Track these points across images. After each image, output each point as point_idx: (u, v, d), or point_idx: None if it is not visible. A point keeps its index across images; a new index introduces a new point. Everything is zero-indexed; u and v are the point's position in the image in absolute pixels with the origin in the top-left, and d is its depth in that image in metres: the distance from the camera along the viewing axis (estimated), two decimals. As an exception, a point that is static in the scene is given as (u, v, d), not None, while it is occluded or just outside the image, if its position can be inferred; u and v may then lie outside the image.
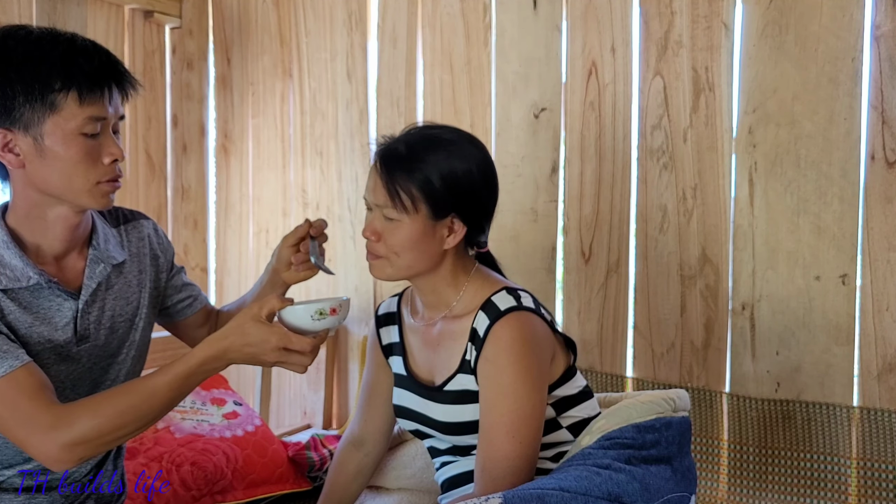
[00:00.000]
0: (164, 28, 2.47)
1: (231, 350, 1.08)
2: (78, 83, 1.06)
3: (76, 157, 1.08)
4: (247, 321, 1.08)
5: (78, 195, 1.11)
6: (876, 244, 1.66)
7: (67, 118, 1.07)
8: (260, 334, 1.07)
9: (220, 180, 2.61)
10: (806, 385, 1.73)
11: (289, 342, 1.07)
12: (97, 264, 1.19)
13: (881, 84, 1.63)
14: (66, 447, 1.02)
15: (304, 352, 1.09)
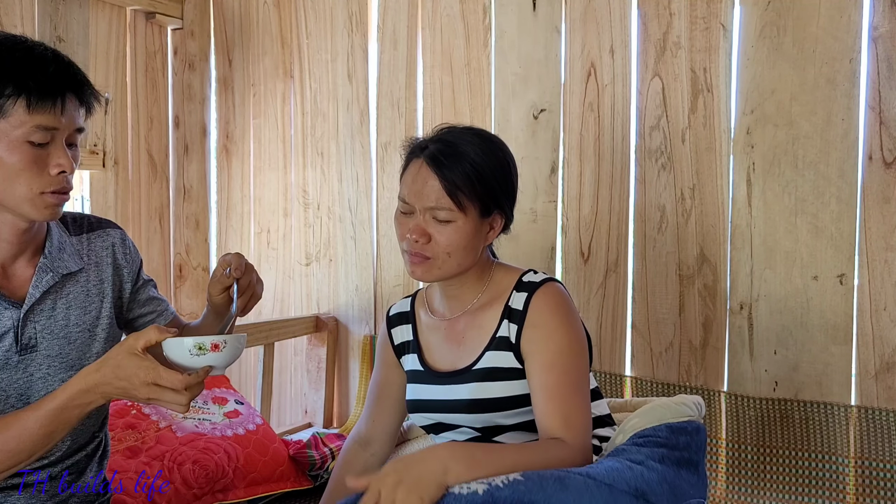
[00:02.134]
0: (165, 29, 2.49)
1: (103, 383, 1.03)
2: (28, 90, 1.04)
3: (19, 164, 1.06)
4: (121, 353, 1.02)
5: (19, 204, 1.08)
6: (873, 244, 1.66)
7: (14, 125, 1.05)
8: (130, 367, 1.01)
9: (221, 181, 2.62)
10: (804, 384, 1.74)
11: (158, 377, 1.00)
12: (45, 273, 1.16)
13: (879, 85, 1.64)
14: None
15: (176, 389, 1.01)
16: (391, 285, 2.28)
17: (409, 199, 1.23)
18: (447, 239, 1.21)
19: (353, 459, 1.44)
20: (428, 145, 1.24)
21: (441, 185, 1.19)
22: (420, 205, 1.21)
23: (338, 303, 2.38)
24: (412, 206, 1.22)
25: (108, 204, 2.33)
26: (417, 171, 1.23)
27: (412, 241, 1.22)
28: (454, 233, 1.21)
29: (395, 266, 2.27)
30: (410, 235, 1.21)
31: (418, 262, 1.23)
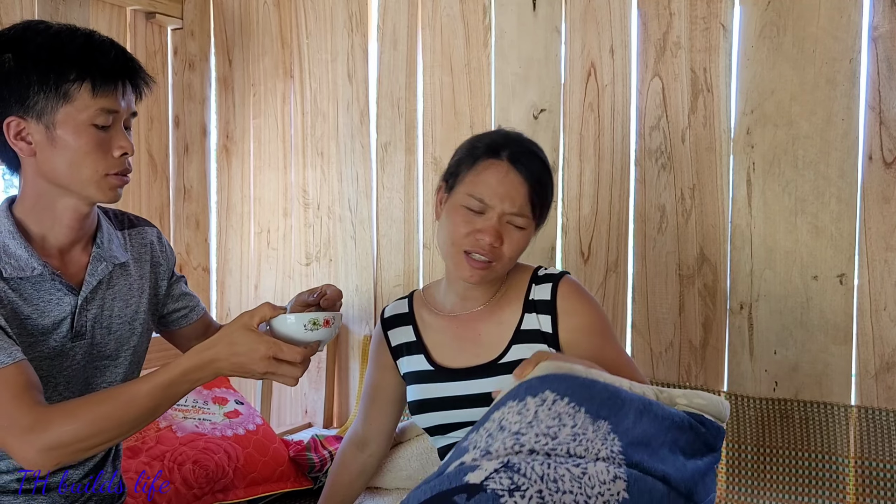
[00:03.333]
0: (165, 29, 2.49)
1: (218, 359, 1.04)
2: (92, 75, 1.08)
3: (86, 147, 1.10)
4: (236, 329, 1.04)
5: (85, 186, 1.12)
6: (873, 244, 1.66)
7: (80, 109, 1.09)
8: (249, 343, 1.03)
9: (221, 181, 2.62)
10: (804, 384, 1.74)
11: (279, 351, 1.03)
12: (100, 262, 1.20)
13: (879, 85, 1.64)
14: (42, 451, 1.00)
15: (294, 362, 1.04)
16: (391, 285, 2.28)
17: (491, 200, 1.20)
18: (516, 245, 1.22)
19: (349, 461, 1.44)
20: (506, 148, 1.23)
21: (527, 193, 1.20)
22: (502, 208, 1.20)
23: (338, 303, 2.38)
24: (489, 207, 1.20)
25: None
26: (505, 175, 1.21)
27: (484, 243, 1.20)
28: (522, 239, 1.23)
29: (395, 266, 2.27)
30: (483, 238, 1.20)
31: (483, 267, 1.21)
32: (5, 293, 1.09)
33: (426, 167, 2.20)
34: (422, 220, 2.22)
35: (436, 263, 2.19)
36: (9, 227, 1.12)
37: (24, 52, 1.08)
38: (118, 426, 1.03)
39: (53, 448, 1.00)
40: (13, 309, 1.10)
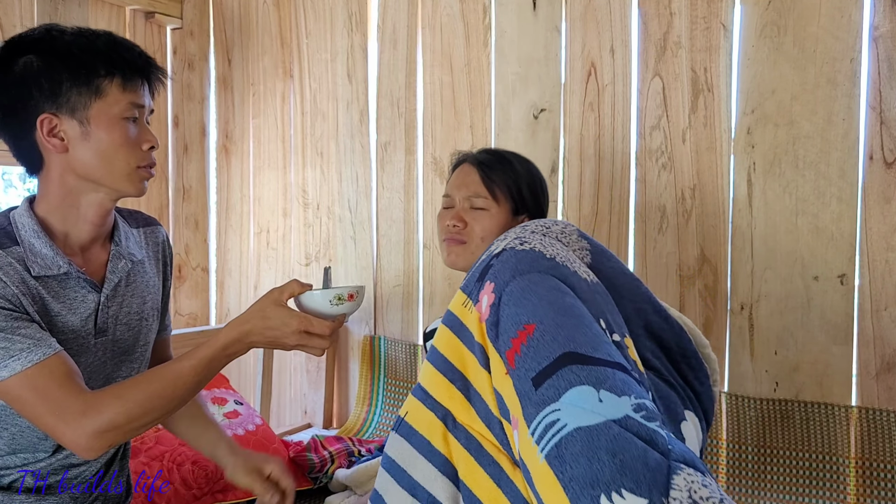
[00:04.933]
0: (165, 29, 2.48)
1: (253, 333, 1.10)
2: (121, 70, 1.12)
3: (119, 140, 1.13)
4: (268, 305, 1.11)
5: (118, 179, 1.15)
6: (874, 244, 1.66)
7: (111, 103, 1.12)
8: (281, 317, 1.10)
9: (220, 180, 2.62)
10: (804, 385, 1.74)
11: (310, 325, 1.10)
12: (119, 259, 1.23)
13: (879, 85, 1.64)
14: (95, 434, 1.03)
15: (323, 335, 1.11)
16: (391, 285, 2.28)
17: (451, 191, 1.41)
18: (481, 224, 1.37)
19: None
20: (475, 153, 1.46)
21: (479, 177, 1.40)
22: (459, 195, 1.39)
23: (337, 303, 2.37)
24: (452, 199, 1.40)
25: (107, 204, 2.33)
26: (461, 170, 1.43)
27: (451, 227, 1.37)
28: (488, 219, 1.38)
29: (395, 266, 2.27)
30: (449, 222, 1.37)
31: (454, 245, 1.37)
32: (37, 290, 1.11)
33: (426, 167, 2.19)
34: (422, 220, 2.21)
35: (436, 263, 2.19)
36: (33, 227, 1.14)
37: (50, 52, 1.11)
38: (167, 404, 1.08)
39: (107, 430, 1.04)
40: (44, 305, 1.12)
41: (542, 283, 1.04)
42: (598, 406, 0.89)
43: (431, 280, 2.20)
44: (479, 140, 2.10)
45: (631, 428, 0.87)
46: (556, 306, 1.02)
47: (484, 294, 1.05)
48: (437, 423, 1.04)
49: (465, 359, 1.06)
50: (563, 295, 1.04)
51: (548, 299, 1.02)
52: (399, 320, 2.27)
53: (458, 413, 1.04)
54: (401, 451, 1.07)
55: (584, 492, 0.84)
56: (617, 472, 0.83)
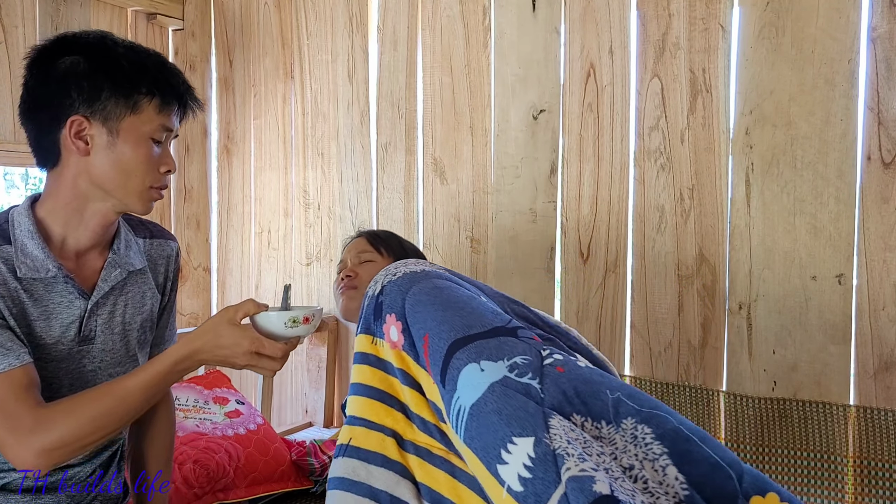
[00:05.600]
0: (166, 30, 2.49)
1: (203, 350, 1.10)
2: (162, 92, 1.15)
3: (141, 157, 1.14)
4: (221, 323, 1.10)
5: (129, 194, 1.16)
6: (872, 244, 1.67)
7: (144, 121, 1.14)
8: (233, 337, 1.09)
9: (222, 181, 2.63)
10: (802, 384, 1.74)
11: (261, 347, 1.10)
12: (114, 268, 1.21)
13: (877, 85, 1.64)
14: (42, 452, 1.02)
15: (274, 357, 1.11)
16: (391, 285, 2.28)
17: (344, 257, 1.60)
18: (369, 272, 1.50)
19: None
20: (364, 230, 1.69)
21: (367, 240, 1.60)
22: (350, 256, 1.57)
23: (338, 303, 2.39)
24: (345, 262, 1.58)
25: (109, 204, 2.34)
26: (352, 243, 1.62)
27: (342, 279, 1.52)
28: (375, 267, 1.51)
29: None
30: (342, 275, 1.54)
31: (347, 290, 1.51)
32: (17, 293, 1.10)
33: (426, 167, 2.20)
34: (422, 220, 2.22)
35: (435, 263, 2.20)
36: (28, 227, 1.13)
37: (100, 58, 1.12)
38: (116, 421, 1.08)
39: (55, 448, 1.03)
40: (23, 310, 1.11)
41: (423, 291, 1.21)
42: (482, 375, 1.07)
43: (431, 280, 2.20)
44: (479, 140, 2.11)
45: (510, 385, 1.05)
46: (438, 305, 1.19)
47: (389, 326, 1.20)
48: (387, 439, 1.16)
49: (393, 385, 1.20)
50: (442, 290, 1.22)
51: (432, 303, 1.19)
52: (399, 320, 2.27)
53: (403, 432, 1.16)
54: (353, 468, 1.15)
55: (490, 454, 1.00)
56: (505, 425, 1.00)
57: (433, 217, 2.19)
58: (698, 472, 1.00)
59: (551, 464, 0.95)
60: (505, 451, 0.99)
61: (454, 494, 1.10)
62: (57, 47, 1.13)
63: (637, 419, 1.06)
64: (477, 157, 2.12)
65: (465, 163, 2.14)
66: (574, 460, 0.95)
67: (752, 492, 0.99)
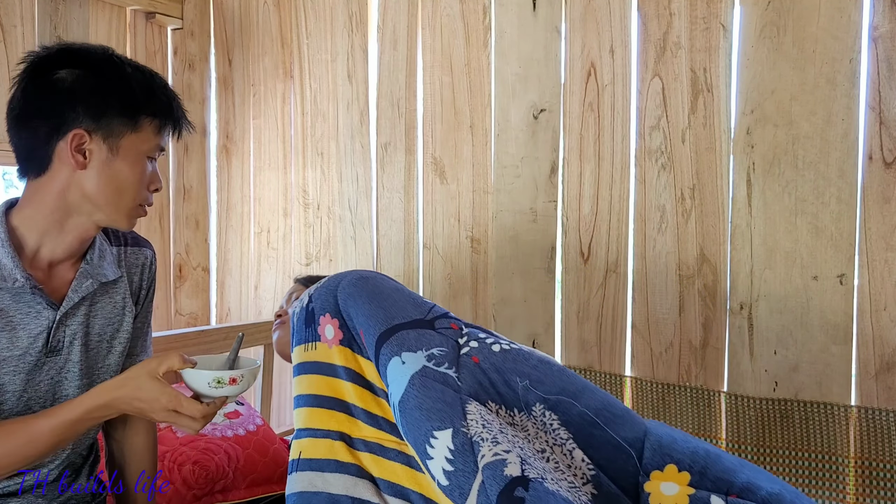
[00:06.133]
0: (165, 29, 2.49)
1: (121, 400, 1.09)
2: (164, 114, 1.17)
3: (137, 176, 1.16)
4: (142, 375, 1.09)
5: (119, 210, 1.16)
6: (873, 244, 1.66)
7: (144, 140, 1.15)
8: (152, 392, 1.08)
9: (221, 181, 2.62)
10: (804, 384, 1.74)
11: (179, 405, 1.08)
12: (85, 279, 1.19)
13: (879, 85, 1.64)
14: None
15: (193, 417, 1.09)
16: (391, 285, 2.28)
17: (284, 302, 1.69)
18: None
19: None
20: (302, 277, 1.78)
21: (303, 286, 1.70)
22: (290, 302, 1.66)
23: (338, 303, 2.38)
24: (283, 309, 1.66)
25: (107, 204, 2.33)
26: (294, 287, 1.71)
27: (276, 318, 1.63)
28: None
29: (395, 266, 2.27)
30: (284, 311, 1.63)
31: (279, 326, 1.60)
32: None
33: (426, 167, 2.20)
34: (422, 220, 2.22)
35: (435, 264, 2.19)
36: (0, 234, 1.12)
37: (110, 76, 1.13)
38: (21, 460, 1.08)
39: None
40: None
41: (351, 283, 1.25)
42: (403, 368, 1.11)
43: (431, 280, 2.20)
44: (479, 140, 2.11)
45: (429, 375, 1.10)
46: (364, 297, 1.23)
47: (324, 327, 1.23)
48: (336, 443, 1.16)
49: (333, 385, 1.21)
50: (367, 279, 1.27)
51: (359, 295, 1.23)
52: (399, 320, 2.27)
53: (350, 431, 1.17)
54: (309, 480, 1.15)
55: (420, 449, 1.04)
56: (426, 419, 1.04)
57: (433, 217, 2.19)
58: (601, 455, 1.08)
59: (469, 453, 1.00)
60: (429, 445, 1.03)
61: (415, 484, 1.12)
62: (59, 57, 1.12)
63: (545, 406, 1.13)
64: (477, 156, 2.12)
65: (465, 162, 2.13)
66: (488, 445, 1.00)
67: (651, 467, 1.07)
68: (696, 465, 1.07)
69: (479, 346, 1.20)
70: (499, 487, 0.95)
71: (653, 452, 1.09)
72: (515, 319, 2.08)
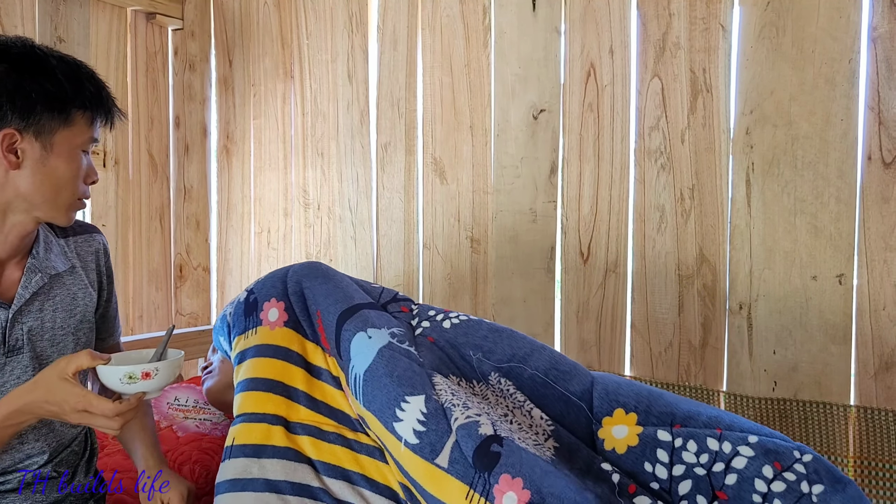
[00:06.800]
0: (166, 30, 2.49)
1: (34, 405, 1.03)
2: (94, 105, 1.13)
3: (73, 171, 1.13)
4: (52, 376, 1.03)
5: (58, 207, 1.14)
6: (872, 244, 1.67)
7: (77, 134, 1.12)
8: (61, 393, 1.02)
9: (221, 181, 2.62)
10: (803, 384, 1.74)
11: (88, 405, 1.02)
12: (34, 274, 1.17)
13: (878, 85, 1.64)
14: None
15: (106, 416, 1.02)
16: (391, 285, 2.28)
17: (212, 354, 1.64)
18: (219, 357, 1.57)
19: None
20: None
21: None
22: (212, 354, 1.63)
23: (338, 303, 2.38)
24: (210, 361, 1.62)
25: (108, 204, 2.34)
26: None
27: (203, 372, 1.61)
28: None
29: (395, 266, 2.27)
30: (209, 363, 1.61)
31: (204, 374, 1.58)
32: None
33: (426, 167, 2.20)
34: (422, 220, 2.22)
35: (435, 263, 2.20)
36: None
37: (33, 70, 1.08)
38: None
39: None
40: None
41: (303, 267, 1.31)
42: (370, 342, 1.18)
43: (431, 280, 2.20)
44: (479, 140, 2.11)
45: (395, 349, 1.17)
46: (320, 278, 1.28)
47: (266, 312, 1.27)
48: (273, 428, 1.18)
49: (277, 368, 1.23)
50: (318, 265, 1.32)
51: (315, 276, 1.29)
52: (399, 320, 2.28)
53: (287, 415, 1.20)
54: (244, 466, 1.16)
55: (386, 412, 1.10)
56: (397, 385, 1.11)
57: (433, 217, 2.19)
58: (555, 411, 1.18)
59: (442, 417, 1.08)
60: (399, 409, 1.10)
61: (356, 465, 1.16)
62: None
63: (499, 374, 1.22)
64: (477, 157, 2.12)
65: (465, 163, 2.13)
66: (460, 410, 1.08)
67: (601, 414, 1.17)
68: (640, 405, 1.16)
69: (431, 326, 1.28)
70: (474, 443, 1.03)
71: (601, 401, 1.18)
72: (515, 319, 2.08)
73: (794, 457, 1.08)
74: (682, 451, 1.10)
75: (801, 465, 1.07)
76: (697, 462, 1.09)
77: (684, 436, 1.11)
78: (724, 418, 1.14)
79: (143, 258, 2.47)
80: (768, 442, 1.10)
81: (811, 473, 1.06)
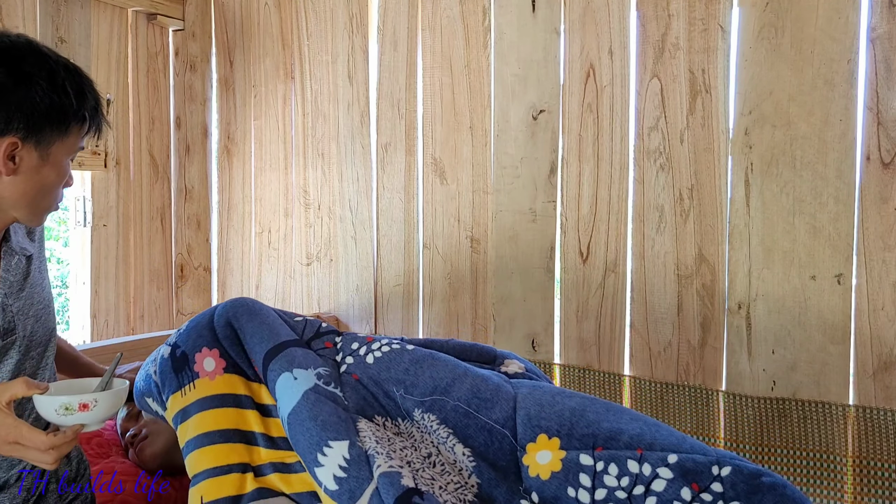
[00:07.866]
0: (167, 30, 2.50)
1: None
2: (91, 119, 1.13)
3: (60, 179, 1.13)
4: None
5: (39, 211, 1.14)
6: (871, 244, 1.67)
7: (70, 145, 1.12)
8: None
9: (222, 181, 2.63)
10: (802, 383, 1.75)
11: (19, 437, 0.97)
12: (12, 256, 1.18)
13: (876, 85, 1.65)
14: None
15: (39, 449, 0.97)
16: (391, 285, 2.29)
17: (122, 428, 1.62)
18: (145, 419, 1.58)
19: None
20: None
21: None
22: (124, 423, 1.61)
23: (338, 302, 2.39)
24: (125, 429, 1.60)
25: (109, 204, 2.34)
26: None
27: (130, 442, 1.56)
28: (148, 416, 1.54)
29: (395, 266, 2.28)
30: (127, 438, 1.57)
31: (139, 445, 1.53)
32: None
33: (426, 168, 2.21)
34: (422, 220, 2.23)
35: (435, 263, 2.20)
36: None
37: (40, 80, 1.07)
38: None
39: None
40: None
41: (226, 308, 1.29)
42: (296, 384, 1.17)
43: (431, 280, 2.21)
44: (478, 140, 2.12)
45: (321, 392, 1.16)
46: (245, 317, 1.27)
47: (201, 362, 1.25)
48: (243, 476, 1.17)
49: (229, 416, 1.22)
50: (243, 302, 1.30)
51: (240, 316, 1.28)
52: (399, 320, 2.28)
53: (251, 460, 1.19)
54: None
55: (309, 456, 1.10)
56: (321, 430, 1.11)
57: (433, 217, 2.20)
58: (478, 442, 1.17)
59: (364, 463, 1.08)
60: (321, 454, 1.09)
61: None
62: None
63: (422, 409, 1.21)
64: (477, 157, 2.12)
65: (465, 163, 2.14)
66: (384, 458, 1.09)
67: (525, 440, 1.16)
68: (563, 429, 1.16)
69: (355, 362, 1.27)
70: (396, 493, 1.03)
71: (524, 427, 1.17)
72: (515, 319, 2.08)
73: (713, 474, 1.08)
74: (603, 474, 1.10)
75: (718, 482, 1.07)
76: (619, 485, 1.09)
77: (605, 459, 1.12)
78: (646, 436, 1.13)
79: (145, 258, 2.48)
80: (687, 461, 1.09)
81: (728, 490, 1.07)
